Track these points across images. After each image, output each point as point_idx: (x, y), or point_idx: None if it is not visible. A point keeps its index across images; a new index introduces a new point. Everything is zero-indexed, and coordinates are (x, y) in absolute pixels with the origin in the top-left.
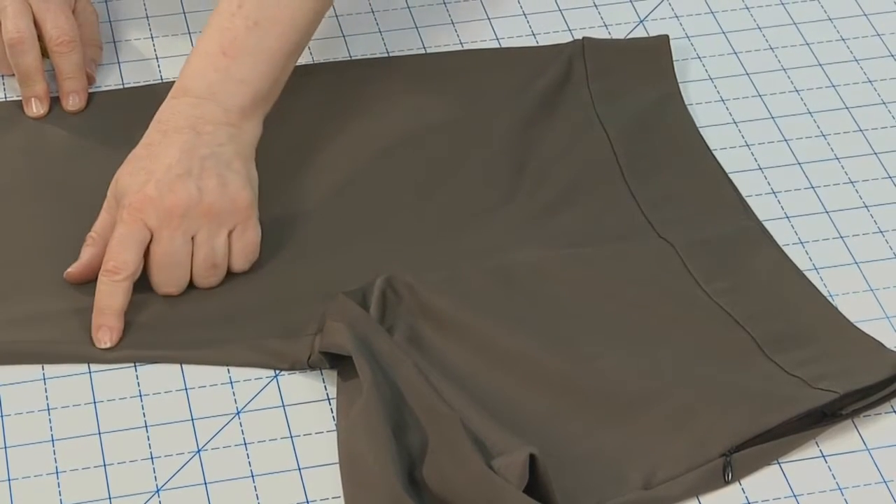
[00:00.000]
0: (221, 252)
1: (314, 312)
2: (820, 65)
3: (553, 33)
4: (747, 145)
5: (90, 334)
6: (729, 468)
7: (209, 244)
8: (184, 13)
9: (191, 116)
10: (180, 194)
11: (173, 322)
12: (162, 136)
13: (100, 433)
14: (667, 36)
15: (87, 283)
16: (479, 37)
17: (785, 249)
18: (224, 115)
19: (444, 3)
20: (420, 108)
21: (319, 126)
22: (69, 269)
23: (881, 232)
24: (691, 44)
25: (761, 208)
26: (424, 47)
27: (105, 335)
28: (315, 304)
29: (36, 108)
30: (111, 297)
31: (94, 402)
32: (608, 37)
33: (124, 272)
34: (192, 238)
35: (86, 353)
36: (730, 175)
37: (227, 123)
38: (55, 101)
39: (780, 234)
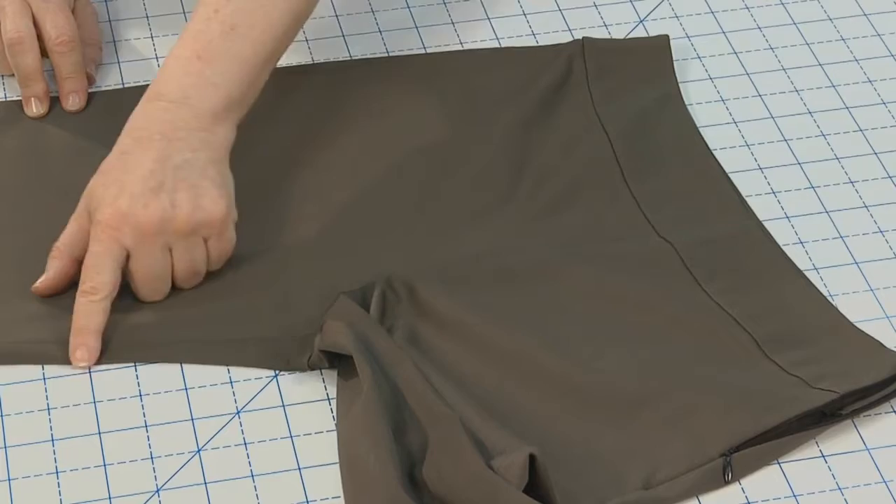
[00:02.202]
0: (200, 260)
1: (314, 312)
2: (820, 65)
3: (553, 33)
4: (747, 145)
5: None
6: (729, 468)
7: (188, 256)
8: (183, 13)
9: (164, 122)
10: (153, 211)
11: (173, 322)
12: (135, 143)
13: (100, 433)
14: (667, 36)
15: (55, 295)
16: (478, 37)
17: (785, 249)
18: (196, 120)
19: (444, 3)
20: (420, 108)
21: (319, 126)
22: (36, 284)
23: (881, 232)
24: (691, 44)
25: (761, 208)
26: (424, 47)
27: (84, 354)
28: (315, 304)
29: (36, 108)
30: (89, 316)
31: (94, 402)
32: (608, 37)
33: (102, 292)
34: (170, 249)
35: None
36: (730, 175)
37: (200, 129)
38: (55, 101)
39: (780, 233)
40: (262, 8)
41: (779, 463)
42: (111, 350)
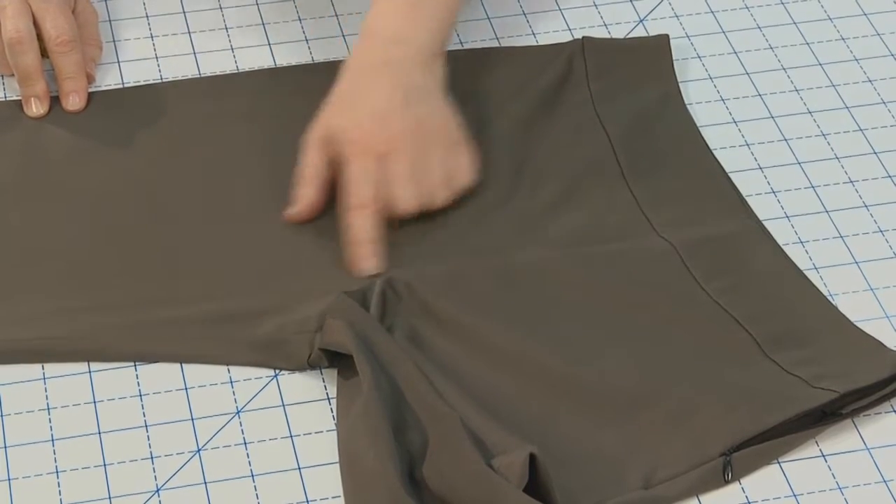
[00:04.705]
0: (449, 170)
1: (314, 312)
2: (820, 64)
3: (553, 32)
4: (747, 145)
5: (91, 333)
6: (729, 467)
7: (437, 165)
8: (183, 12)
9: (387, 53)
10: (400, 122)
11: (173, 321)
12: (362, 74)
13: (100, 433)
14: (667, 35)
15: (307, 222)
16: (478, 36)
17: (785, 249)
18: (416, 53)
19: None
20: None
21: None
22: (289, 211)
23: (881, 231)
24: (691, 43)
25: (761, 208)
26: None
27: (369, 262)
28: (315, 304)
29: (36, 108)
30: (366, 228)
31: (94, 402)
32: (608, 36)
33: (373, 206)
34: (426, 156)
35: (86, 352)
36: (730, 174)
37: (420, 62)
38: (55, 101)
39: (780, 233)
40: None
41: (779, 462)
42: (110, 349)
